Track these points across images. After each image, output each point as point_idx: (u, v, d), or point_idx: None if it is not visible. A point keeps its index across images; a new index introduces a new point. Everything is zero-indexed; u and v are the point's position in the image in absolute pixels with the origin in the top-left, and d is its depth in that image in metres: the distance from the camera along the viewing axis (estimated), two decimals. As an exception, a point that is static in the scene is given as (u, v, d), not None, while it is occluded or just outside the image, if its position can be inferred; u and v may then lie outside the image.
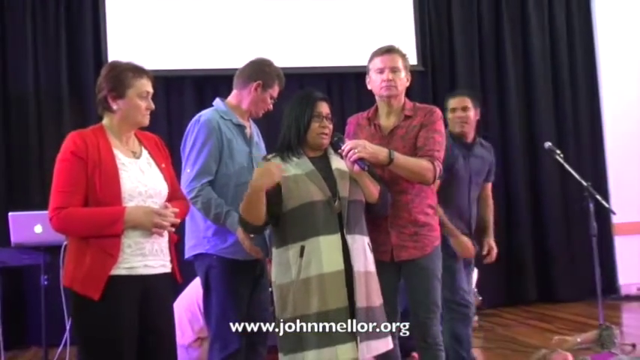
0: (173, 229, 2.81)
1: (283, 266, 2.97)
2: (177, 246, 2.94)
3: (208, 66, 6.23)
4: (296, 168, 3.00)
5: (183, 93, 6.33)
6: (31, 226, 4.68)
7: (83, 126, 5.98)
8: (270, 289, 3.27)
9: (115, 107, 2.80)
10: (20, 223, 4.71)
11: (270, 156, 3.09)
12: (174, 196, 2.93)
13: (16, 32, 6.07)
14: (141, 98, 2.80)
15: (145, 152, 2.89)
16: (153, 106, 2.85)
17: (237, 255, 3.26)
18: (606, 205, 4.91)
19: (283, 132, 3.09)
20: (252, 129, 3.52)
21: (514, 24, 7.07)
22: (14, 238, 4.73)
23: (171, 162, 3.02)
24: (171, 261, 2.89)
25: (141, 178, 2.78)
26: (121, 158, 2.77)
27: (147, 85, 2.82)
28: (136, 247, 2.73)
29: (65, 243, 4.74)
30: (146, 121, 2.85)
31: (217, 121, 3.33)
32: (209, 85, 6.23)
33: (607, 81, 7.23)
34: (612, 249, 7.07)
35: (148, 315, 2.76)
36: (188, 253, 3.40)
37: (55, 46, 6.12)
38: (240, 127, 3.40)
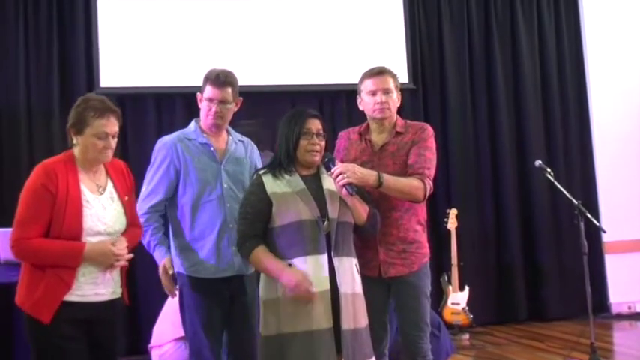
0: (127, 263, 2.96)
1: (270, 282, 2.98)
2: (128, 272, 3.08)
3: (199, 83, 6.22)
4: (287, 186, 3.00)
5: (174, 109, 6.31)
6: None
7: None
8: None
9: (74, 141, 2.90)
10: (9, 240, 4.67)
11: (261, 172, 3.10)
12: (131, 223, 3.04)
13: (7, 46, 6.04)
14: (98, 138, 2.85)
15: (110, 185, 2.99)
16: (113, 146, 2.91)
17: (201, 274, 3.30)
18: (597, 224, 4.92)
19: (275, 149, 3.11)
20: (233, 145, 3.47)
21: (504, 42, 7.11)
22: (2, 254, 4.70)
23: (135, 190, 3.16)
24: (122, 286, 3.02)
25: (101, 216, 2.89)
26: (87, 195, 2.87)
27: (107, 126, 2.86)
28: (89, 275, 2.86)
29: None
30: (104, 159, 2.93)
31: (175, 144, 3.37)
32: (200, 101, 6.22)
33: (596, 99, 7.26)
34: (603, 267, 7.07)
35: (97, 337, 2.91)
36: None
37: (47, 62, 6.09)
38: (206, 146, 3.40)
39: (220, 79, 3.36)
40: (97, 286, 2.87)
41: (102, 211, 2.90)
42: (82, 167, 2.91)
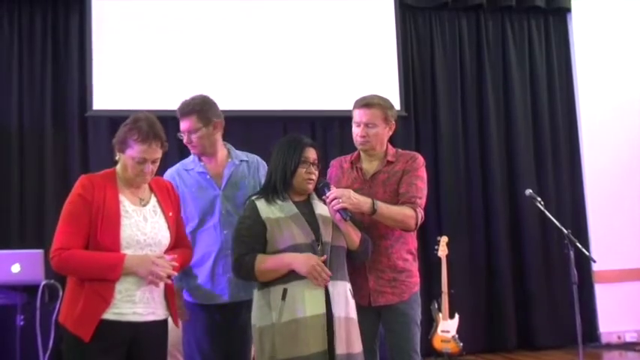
0: (169, 280, 2.85)
1: (264, 309, 2.95)
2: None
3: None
4: (280, 211, 3.00)
5: (166, 133, 6.30)
6: (9, 266, 4.63)
7: (65, 166, 5.92)
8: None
9: (117, 157, 2.90)
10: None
11: (254, 197, 3.10)
12: (178, 243, 2.98)
13: (0, 67, 6.05)
14: (137, 162, 2.83)
15: (153, 200, 2.95)
16: (151, 171, 2.88)
17: (198, 299, 3.31)
18: (586, 253, 4.92)
19: (269, 174, 3.12)
20: (232, 167, 3.44)
21: (496, 71, 7.17)
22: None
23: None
24: (169, 308, 2.92)
25: (141, 227, 2.83)
26: (126, 205, 2.83)
27: (147, 153, 2.82)
28: (125, 293, 2.77)
29: (44, 283, 4.72)
30: (140, 182, 2.90)
31: (174, 177, 3.39)
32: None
33: (586, 128, 7.31)
34: (593, 297, 7.07)
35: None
36: None
37: (40, 83, 6.09)
38: (203, 175, 3.40)
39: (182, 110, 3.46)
40: (134, 305, 2.78)
41: (142, 222, 2.84)
42: (123, 182, 2.89)
